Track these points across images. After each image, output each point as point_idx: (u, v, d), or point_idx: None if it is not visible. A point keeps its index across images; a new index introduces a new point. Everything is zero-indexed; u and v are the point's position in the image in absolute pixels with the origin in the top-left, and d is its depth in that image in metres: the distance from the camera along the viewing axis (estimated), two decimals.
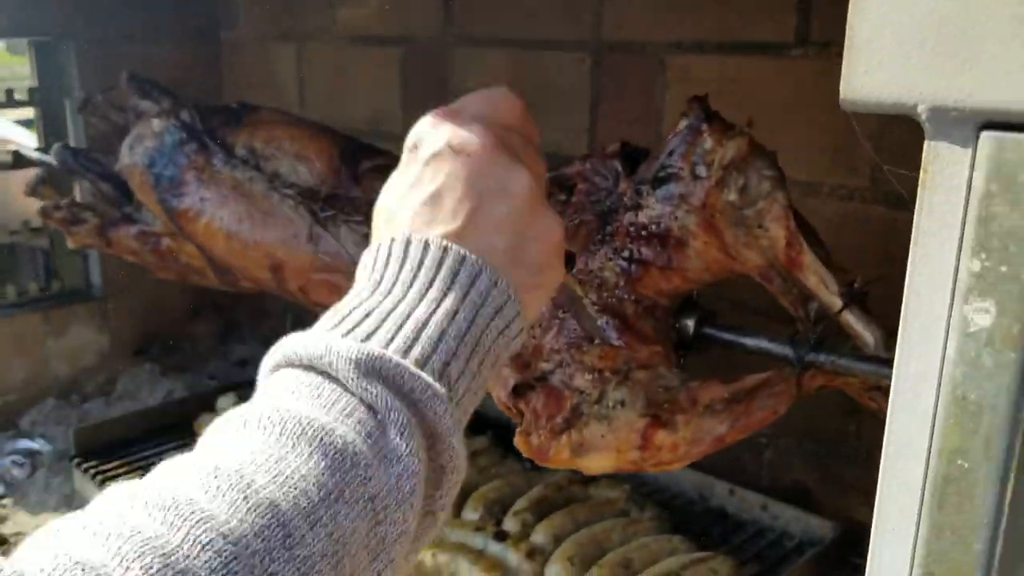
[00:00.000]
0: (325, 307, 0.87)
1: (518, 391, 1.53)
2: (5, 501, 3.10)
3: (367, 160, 1.95)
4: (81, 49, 3.53)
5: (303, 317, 3.72)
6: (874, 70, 0.70)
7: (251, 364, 4.24)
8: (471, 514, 2.17)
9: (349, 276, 1.83)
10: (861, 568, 2.44)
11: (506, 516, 2.16)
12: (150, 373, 3.89)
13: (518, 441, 1.50)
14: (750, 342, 1.48)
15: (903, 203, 0.80)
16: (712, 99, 2.41)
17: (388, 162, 1.91)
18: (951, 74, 0.67)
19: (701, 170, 1.38)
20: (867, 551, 1.58)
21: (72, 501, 3.00)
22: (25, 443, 3.36)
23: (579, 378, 1.49)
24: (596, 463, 1.47)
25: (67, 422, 3.57)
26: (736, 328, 1.53)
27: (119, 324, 3.82)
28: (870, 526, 0.92)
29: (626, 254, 1.46)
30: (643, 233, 1.45)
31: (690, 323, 1.56)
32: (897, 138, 0.92)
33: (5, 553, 2.49)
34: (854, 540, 2.25)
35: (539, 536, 2.07)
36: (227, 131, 2.17)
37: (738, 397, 1.38)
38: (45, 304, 3.65)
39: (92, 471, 2.58)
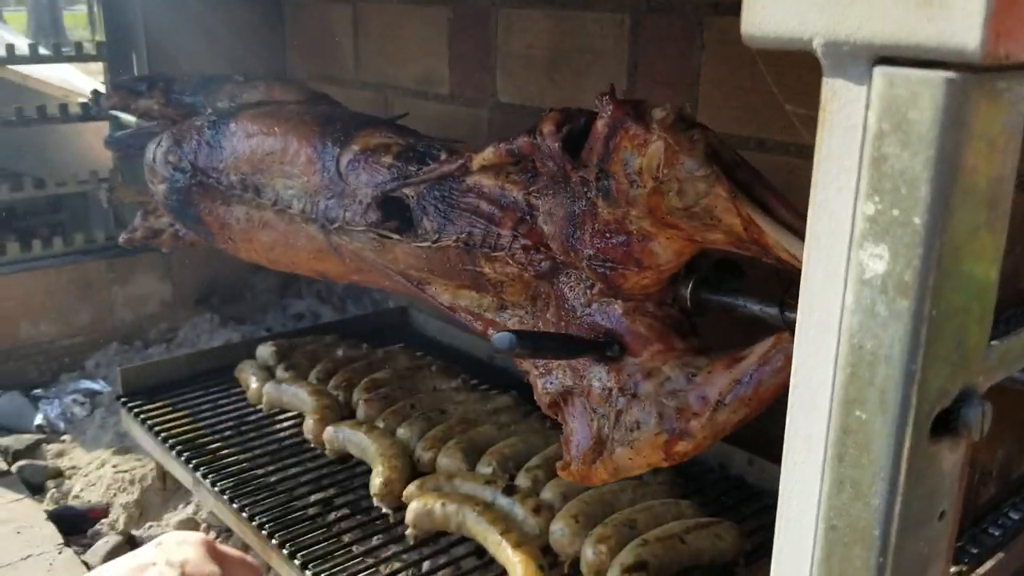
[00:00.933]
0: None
1: (552, 407, 1.67)
2: (65, 437, 3.27)
3: (344, 152, 1.98)
4: (147, 6, 3.64)
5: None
6: (772, 4, 0.68)
7: (307, 318, 4.36)
8: (484, 468, 2.20)
9: (380, 276, 1.84)
10: None
11: (519, 472, 2.18)
12: (210, 323, 4.03)
13: (562, 473, 1.64)
14: (743, 307, 1.46)
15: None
16: (749, 61, 2.34)
17: (363, 147, 1.96)
18: (843, 6, 0.64)
19: (634, 178, 1.36)
20: None
21: (125, 439, 3.16)
22: (87, 384, 3.54)
23: (594, 396, 1.54)
24: (635, 473, 1.56)
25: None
26: (732, 291, 1.51)
27: (182, 274, 3.97)
28: None
29: (598, 264, 1.48)
30: (608, 241, 1.45)
31: (685, 293, 1.54)
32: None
33: (59, 486, 2.61)
34: None
35: (548, 493, 2.08)
36: (212, 156, 2.30)
37: (744, 381, 1.36)
38: (111, 252, 3.81)
39: (136, 411, 2.70)
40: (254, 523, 2.16)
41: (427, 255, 1.79)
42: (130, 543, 2.60)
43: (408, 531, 2.07)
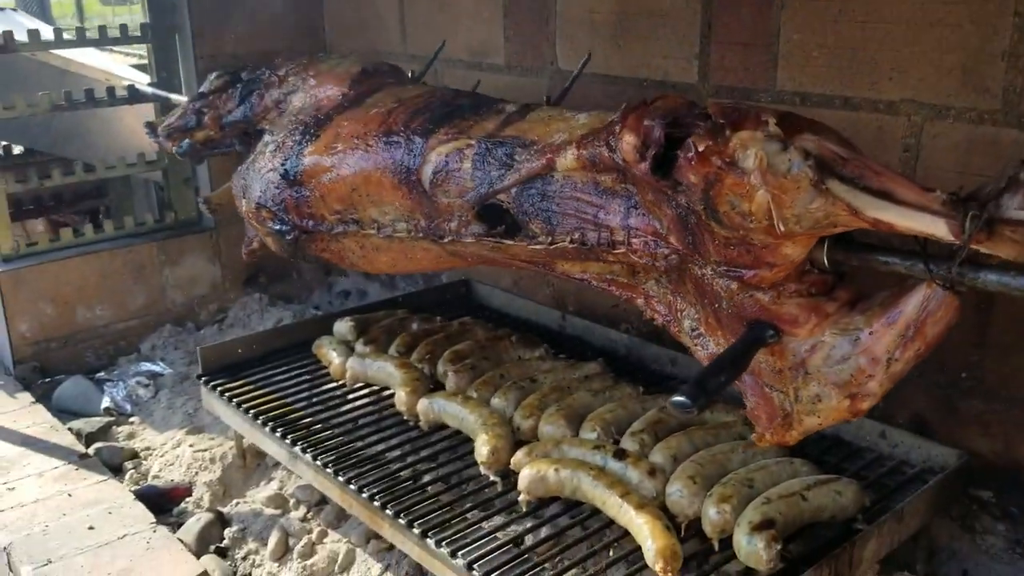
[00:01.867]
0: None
1: None
2: (133, 419, 3.27)
3: (422, 170, 2.01)
4: None
5: None
6: None
7: (353, 295, 4.35)
8: (589, 434, 2.21)
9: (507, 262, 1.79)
10: (981, 500, 2.40)
11: (623, 436, 2.19)
12: (259, 302, 4.02)
13: (760, 443, 1.70)
14: (883, 263, 1.45)
15: None
16: (832, 19, 2.32)
17: (453, 137, 1.98)
18: None
19: (746, 217, 1.38)
20: (993, 487, 1.56)
21: (194, 419, 3.16)
22: (148, 366, 3.54)
23: (765, 374, 1.58)
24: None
25: (184, 347, 3.74)
26: (867, 248, 1.50)
27: (230, 255, 3.95)
28: (990, 459, 0.90)
29: (728, 270, 1.50)
30: (732, 251, 1.47)
31: (822, 256, 1.53)
32: None
33: (136, 467, 2.61)
34: (974, 472, 2.22)
35: (657, 456, 2.10)
36: (301, 207, 2.33)
37: (908, 334, 1.37)
38: (160, 235, 3.79)
39: (220, 389, 2.70)
40: (364, 495, 2.17)
41: (546, 250, 1.79)
42: (220, 520, 2.61)
43: (521, 497, 2.08)
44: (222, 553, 2.52)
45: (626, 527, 1.95)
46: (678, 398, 1.35)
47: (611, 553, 1.98)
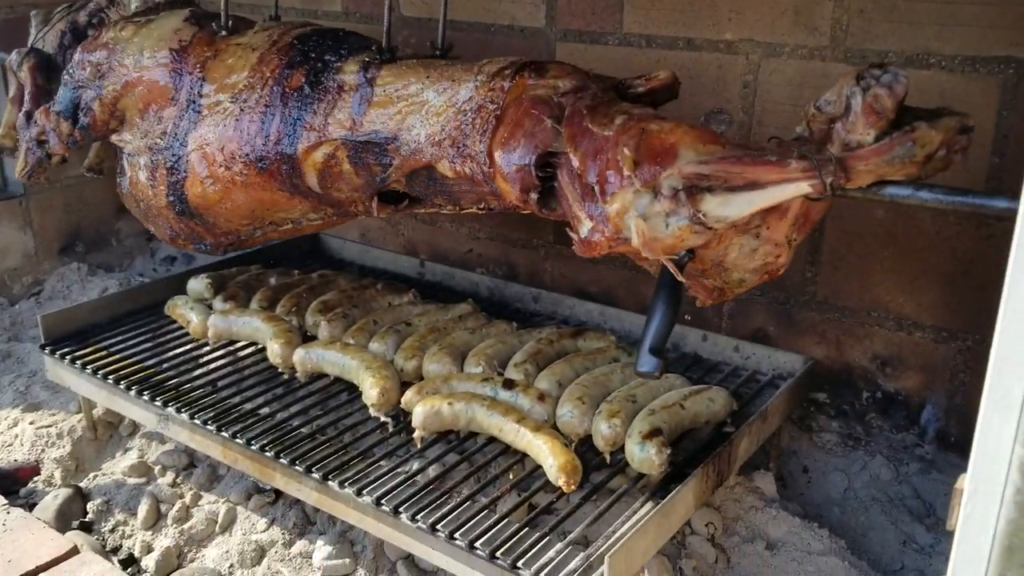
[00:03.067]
0: None
1: None
2: None
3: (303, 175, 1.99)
4: None
5: None
6: None
7: (180, 260, 4.13)
8: (474, 368, 2.26)
9: None
10: (817, 402, 2.68)
11: (507, 368, 2.27)
12: (78, 272, 3.74)
13: (703, 303, 1.84)
14: None
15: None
16: None
17: (317, 142, 1.96)
18: None
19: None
20: (827, 388, 1.77)
21: (27, 396, 2.92)
22: None
23: (697, 274, 1.76)
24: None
25: None
26: None
27: (42, 222, 3.65)
28: (825, 364, 1.00)
29: None
30: None
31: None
32: None
33: None
34: (817, 376, 2.48)
35: (543, 383, 2.19)
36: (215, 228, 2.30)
37: (799, 222, 1.55)
38: None
39: (70, 357, 2.51)
40: (253, 447, 2.12)
41: (459, 214, 1.89)
42: (79, 494, 2.45)
43: (416, 434, 2.11)
44: (86, 528, 2.37)
45: (524, 450, 2.03)
46: (644, 369, 1.67)
47: (511, 476, 2.06)
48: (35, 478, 2.56)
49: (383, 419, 2.20)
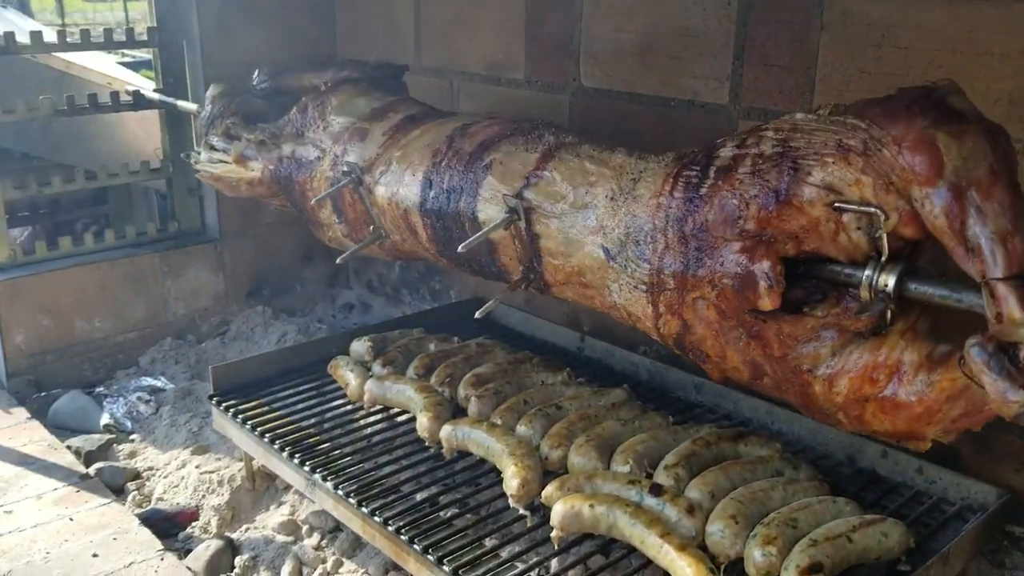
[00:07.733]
0: None
1: None
2: (134, 436, 3.17)
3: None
4: None
5: (409, 266, 3.74)
6: None
7: (357, 308, 4.25)
8: (621, 467, 2.14)
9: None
10: (1013, 536, 2.33)
11: (656, 470, 2.12)
12: (262, 315, 3.92)
13: None
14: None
15: None
16: (879, 46, 2.26)
17: None
18: None
19: None
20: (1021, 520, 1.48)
21: (199, 437, 3.06)
22: (150, 380, 3.43)
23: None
24: None
25: (185, 361, 3.63)
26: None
27: (233, 266, 3.86)
28: None
29: None
30: None
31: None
32: None
33: (139, 488, 2.50)
34: (1014, 508, 2.16)
35: (694, 492, 2.02)
36: None
37: None
38: (163, 245, 3.69)
39: (233, 410, 2.60)
40: (389, 528, 2.09)
41: None
42: (230, 547, 2.51)
43: (554, 534, 2.00)
44: None
45: (666, 568, 1.88)
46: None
47: None
48: (193, 523, 2.65)
49: (522, 511, 2.11)
